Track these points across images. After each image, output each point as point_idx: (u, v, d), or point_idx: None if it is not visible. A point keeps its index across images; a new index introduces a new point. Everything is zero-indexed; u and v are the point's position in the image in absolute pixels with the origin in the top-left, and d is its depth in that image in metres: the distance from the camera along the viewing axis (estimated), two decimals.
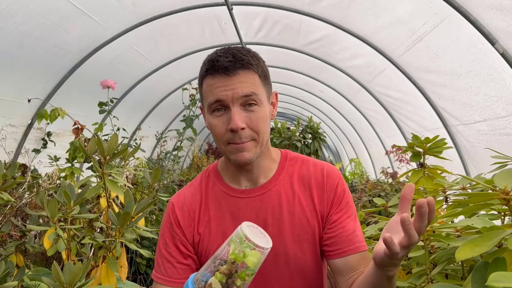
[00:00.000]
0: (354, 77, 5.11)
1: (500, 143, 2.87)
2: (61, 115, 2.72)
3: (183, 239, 1.03)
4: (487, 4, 2.34)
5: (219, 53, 0.95)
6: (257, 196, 1.02)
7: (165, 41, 4.53)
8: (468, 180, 1.14)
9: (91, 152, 1.31)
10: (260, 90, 0.95)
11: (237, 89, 0.91)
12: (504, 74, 2.52)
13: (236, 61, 0.92)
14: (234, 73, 0.91)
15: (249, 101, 0.93)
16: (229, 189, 1.05)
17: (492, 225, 0.79)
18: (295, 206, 1.01)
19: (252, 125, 0.93)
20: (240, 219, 1.00)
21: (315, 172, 1.05)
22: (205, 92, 0.96)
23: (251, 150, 0.95)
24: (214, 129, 0.95)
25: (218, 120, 0.94)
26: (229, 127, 0.91)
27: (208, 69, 0.94)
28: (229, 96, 0.91)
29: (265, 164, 1.04)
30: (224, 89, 0.91)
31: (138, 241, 3.24)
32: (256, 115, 0.93)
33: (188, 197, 1.07)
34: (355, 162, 8.15)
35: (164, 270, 1.01)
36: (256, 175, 1.04)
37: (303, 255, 1.00)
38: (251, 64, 0.94)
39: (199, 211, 1.05)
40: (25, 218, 2.07)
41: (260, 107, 0.94)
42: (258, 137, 0.95)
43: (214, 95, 0.92)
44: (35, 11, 2.72)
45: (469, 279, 0.62)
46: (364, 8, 3.41)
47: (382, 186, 4.78)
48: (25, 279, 1.52)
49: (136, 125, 5.83)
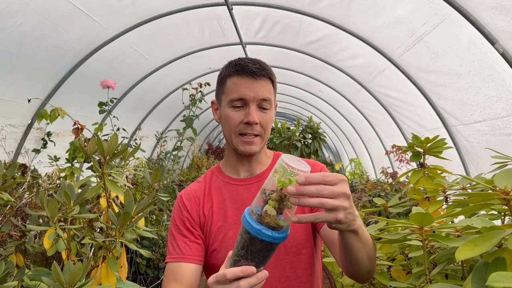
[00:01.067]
0: (354, 77, 5.11)
1: (500, 143, 2.87)
2: (61, 115, 2.72)
3: (192, 221, 1.18)
4: (487, 4, 2.34)
5: (246, 60, 1.14)
6: (254, 183, 1.20)
7: (165, 41, 4.53)
8: (468, 180, 1.14)
9: (91, 152, 1.31)
10: (272, 97, 1.16)
11: (259, 92, 1.11)
12: (504, 74, 2.52)
13: (262, 69, 1.12)
14: (259, 78, 1.11)
15: (264, 105, 1.13)
16: (230, 179, 1.23)
17: (492, 225, 0.79)
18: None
19: (263, 123, 1.13)
20: (239, 202, 1.18)
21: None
22: (229, 88, 1.13)
23: (258, 144, 1.14)
24: (229, 120, 1.13)
25: (236, 114, 1.12)
26: (246, 119, 1.10)
27: (237, 70, 1.12)
28: (252, 96, 1.10)
29: (261, 159, 1.24)
30: (249, 90, 1.10)
31: (138, 241, 3.24)
32: (267, 116, 1.14)
33: (194, 189, 1.25)
34: (355, 162, 8.15)
35: (179, 250, 1.14)
36: (254, 167, 1.22)
37: (295, 231, 1.11)
38: (272, 75, 1.16)
39: (203, 197, 1.21)
40: (25, 218, 2.07)
41: (270, 111, 1.15)
42: (264, 134, 1.15)
43: (239, 93, 1.11)
44: (35, 11, 2.72)
45: (469, 279, 0.62)
46: (364, 8, 3.41)
47: (382, 186, 4.78)
48: (25, 279, 1.52)
49: (136, 125, 5.83)
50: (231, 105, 1.12)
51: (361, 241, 0.85)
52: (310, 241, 1.15)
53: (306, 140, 5.46)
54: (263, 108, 1.13)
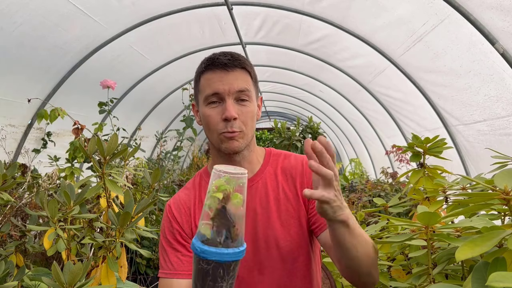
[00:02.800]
0: (354, 77, 5.11)
1: (500, 143, 2.86)
2: (61, 115, 2.72)
3: (183, 234, 1.11)
4: (487, 4, 2.34)
5: (217, 53, 1.07)
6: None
7: (165, 41, 4.53)
8: (468, 180, 1.14)
9: (91, 152, 1.31)
10: (251, 89, 1.07)
11: (233, 84, 1.02)
12: (504, 74, 2.52)
13: (234, 60, 1.04)
14: (232, 69, 1.03)
15: (242, 96, 1.04)
16: None
17: (492, 225, 0.79)
18: (280, 194, 1.12)
19: (242, 118, 1.04)
20: None
21: (296, 163, 1.16)
22: (202, 86, 1.06)
23: (240, 140, 1.04)
24: (208, 119, 1.05)
25: (213, 111, 1.04)
26: (224, 116, 1.01)
27: (208, 65, 1.05)
28: (226, 90, 1.02)
29: (251, 159, 1.14)
30: (222, 83, 1.02)
31: (138, 241, 3.23)
32: (246, 109, 1.05)
33: (183, 197, 1.17)
34: (355, 162, 8.15)
35: (171, 265, 1.08)
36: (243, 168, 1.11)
37: (292, 239, 1.09)
38: (246, 65, 1.07)
39: (193, 207, 1.14)
40: (25, 218, 2.07)
41: (250, 103, 1.06)
42: (245, 129, 1.05)
43: (212, 88, 1.03)
44: (35, 11, 2.72)
45: (469, 279, 0.62)
46: (364, 8, 3.41)
47: (382, 186, 4.78)
48: (25, 279, 1.52)
49: (136, 125, 5.83)
50: (207, 102, 1.04)
51: (353, 235, 0.84)
52: (307, 248, 1.11)
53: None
54: (241, 100, 1.04)
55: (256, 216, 1.10)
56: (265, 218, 1.09)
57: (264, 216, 1.10)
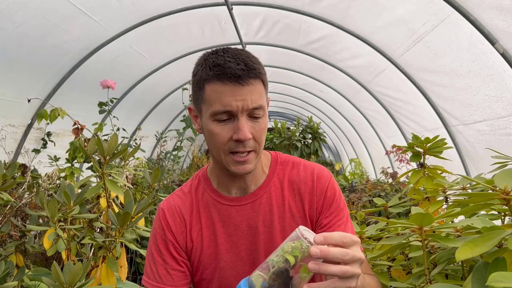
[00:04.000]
0: (354, 77, 5.11)
1: (500, 143, 2.86)
2: (61, 115, 2.72)
3: (176, 245, 1.01)
4: (487, 4, 2.34)
5: (227, 57, 0.89)
6: (248, 204, 1.02)
7: (165, 41, 4.53)
8: (468, 180, 1.14)
9: (91, 152, 1.31)
10: (264, 100, 0.93)
11: (247, 101, 0.88)
12: (504, 74, 2.52)
13: (249, 70, 0.88)
14: (247, 82, 0.87)
15: (255, 113, 0.90)
16: (219, 196, 1.04)
17: (492, 225, 0.79)
18: (286, 213, 1.02)
19: (256, 136, 0.92)
20: (231, 227, 1.01)
21: (305, 176, 1.04)
22: (209, 97, 0.90)
23: (252, 162, 0.94)
24: (215, 137, 0.91)
25: (222, 129, 0.90)
26: (237, 137, 0.89)
27: (217, 74, 0.87)
28: (239, 107, 0.87)
29: (256, 172, 1.03)
30: (235, 99, 0.87)
31: (138, 241, 3.23)
32: (260, 126, 0.92)
33: (178, 203, 1.06)
34: (355, 162, 8.14)
35: (158, 277, 0.99)
36: (247, 183, 1.03)
37: None
38: (261, 73, 0.92)
39: (190, 218, 1.03)
40: (25, 218, 2.07)
41: (264, 118, 0.93)
42: (258, 148, 0.94)
43: (222, 104, 0.87)
44: (35, 11, 2.72)
45: (469, 279, 0.62)
46: (364, 8, 3.41)
47: (382, 186, 4.77)
48: (25, 279, 1.52)
49: (136, 125, 5.83)
50: (214, 118, 0.90)
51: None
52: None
53: (306, 140, 5.46)
54: (255, 117, 0.91)
55: (258, 235, 1.01)
56: (268, 238, 1.01)
57: (266, 236, 1.01)
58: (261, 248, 1.00)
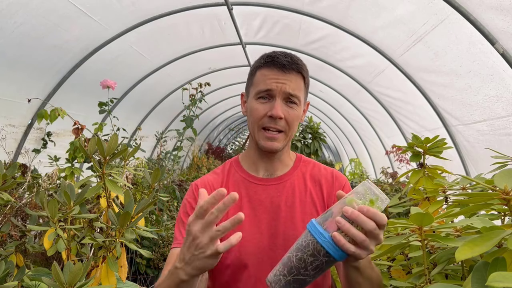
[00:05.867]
0: (354, 77, 5.11)
1: (500, 143, 2.86)
2: (61, 115, 2.72)
3: None
4: (487, 4, 2.34)
5: (278, 52, 1.09)
6: (274, 185, 1.14)
7: (165, 41, 4.53)
8: (468, 180, 1.14)
9: (91, 152, 1.31)
10: (301, 93, 1.10)
11: (286, 85, 1.05)
12: (504, 74, 2.52)
13: (293, 63, 1.07)
14: (289, 71, 1.06)
15: (291, 99, 1.07)
16: (248, 175, 1.17)
17: (492, 225, 0.79)
18: (307, 198, 1.13)
19: (288, 119, 1.07)
20: (255, 202, 1.13)
21: (326, 173, 1.19)
22: (257, 80, 1.09)
23: (280, 141, 1.09)
24: (254, 112, 1.08)
25: (261, 106, 1.07)
26: (270, 113, 1.05)
27: (267, 62, 1.07)
28: (279, 89, 1.05)
29: (284, 159, 1.18)
30: (276, 82, 1.05)
31: (138, 241, 3.24)
32: (293, 112, 1.08)
33: (211, 179, 1.19)
34: (355, 162, 8.14)
35: None
36: (275, 167, 1.17)
37: None
38: (303, 70, 1.10)
39: None
40: (25, 218, 2.07)
41: (298, 107, 1.09)
42: (288, 130, 1.09)
43: (266, 84, 1.06)
44: (35, 11, 2.72)
45: (469, 279, 0.62)
46: (364, 8, 3.41)
47: (382, 186, 4.77)
48: (25, 279, 1.52)
49: (136, 125, 5.83)
50: (257, 96, 1.08)
51: (363, 276, 0.87)
52: None
53: (306, 140, 5.47)
54: (290, 102, 1.07)
55: (279, 212, 1.10)
56: (289, 217, 1.09)
57: (287, 214, 1.10)
58: (281, 225, 1.09)
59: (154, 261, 3.56)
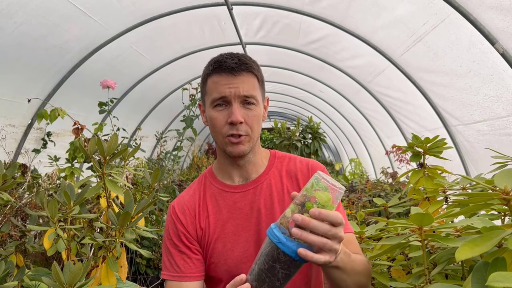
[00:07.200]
0: (354, 77, 5.11)
1: (500, 143, 2.86)
2: (61, 115, 2.72)
3: (188, 235, 1.10)
4: (487, 4, 2.34)
5: (224, 56, 1.07)
6: (251, 189, 1.13)
7: (165, 41, 4.53)
8: (468, 180, 1.14)
9: (91, 152, 1.31)
10: (257, 92, 1.08)
11: (240, 88, 1.03)
12: (504, 74, 2.52)
13: (241, 64, 1.04)
14: (239, 73, 1.03)
15: (248, 101, 1.05)
16: (224, 186, 1.16)
17: (492, 225, 0.79)
18: (284, 195, 1.12)
19: (248, 122, 1.05)
20: (236, 212, 1.11)
21: (301, 166, 1.17)
22: (209, 88, 1.07)
23: (246, 144, 1.06)
24: (214, 122, 1.06)
25: (219, 114, 1.05)
26: (230, 120, 1.02)
27: (215, 68, 1.05)
28: (232, 93, 1.02)
29: (256, 161, 1.15)
30: (229, 87, 1.02)
31: (138, 241, 3.24)
32: (252, 113, 1.05)
33: (187, 198, 1.17)
34: (355, 162, 8.14)
35: (177, 267, 1.07)
36: (248, 171, 1.15)
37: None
38: (253, 68, 1.07)
39: (198, 208, 1.14)
40: (25, 218, 2.06)
41: (256, 107, 1.07)
42: (251, 133, 1.06)
43: (219, 92, 1.03)
44: (35, 11, 2.72)
45: (469, 279, 0.62)
46: (364, 8, 3.41)
47: (382, 186, 4.77)
48: (25, 279, 1.52)
49: (136, 125, 5.83)
50: (213, 105, 1.05)
51: (346, 272, 0.87)
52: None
53: (306, 140, 5.47)
54: (247, 103, 1.05)
55: (260, 216, 1.09)
56: (269, 219, 1.09)
57: (268, 217, 1.09)
58: (264, 228, 1.08)
59: (154, 261, 3.56)
